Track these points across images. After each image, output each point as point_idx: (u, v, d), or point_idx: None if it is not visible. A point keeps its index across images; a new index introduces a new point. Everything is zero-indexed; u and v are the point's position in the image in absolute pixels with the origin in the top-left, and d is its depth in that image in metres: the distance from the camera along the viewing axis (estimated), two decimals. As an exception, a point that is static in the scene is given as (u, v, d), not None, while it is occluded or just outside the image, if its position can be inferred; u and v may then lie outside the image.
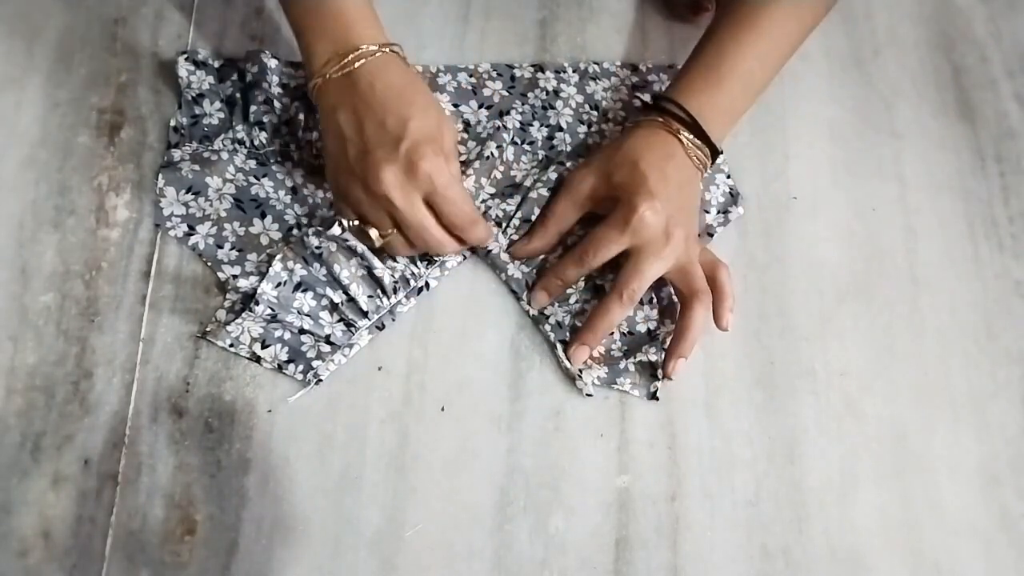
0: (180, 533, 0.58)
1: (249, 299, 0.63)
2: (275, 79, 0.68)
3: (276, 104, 0.68)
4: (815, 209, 0.73)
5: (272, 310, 0.62)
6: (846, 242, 0.72)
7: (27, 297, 0.63)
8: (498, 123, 0.71)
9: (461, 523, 0.61)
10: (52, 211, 0.66)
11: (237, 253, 0.65)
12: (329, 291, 0.63)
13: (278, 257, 0.63)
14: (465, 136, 0.71)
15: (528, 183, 0.69)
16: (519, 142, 0.71)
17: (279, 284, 0.63)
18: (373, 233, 0.61)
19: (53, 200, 0.66)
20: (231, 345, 0.62)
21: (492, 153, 0.69)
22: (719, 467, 0.64)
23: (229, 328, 0.62)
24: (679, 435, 0.64)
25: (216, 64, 0.71)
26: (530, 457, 0.63)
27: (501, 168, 0.70)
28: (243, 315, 0.62)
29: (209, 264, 0.64)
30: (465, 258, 0.68)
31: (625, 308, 0.63)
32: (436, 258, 0.66)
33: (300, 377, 0.62)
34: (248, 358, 0.62)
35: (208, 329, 0.62)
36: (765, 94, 0.76)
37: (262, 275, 0.63)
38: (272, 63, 0.69)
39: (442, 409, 0.63)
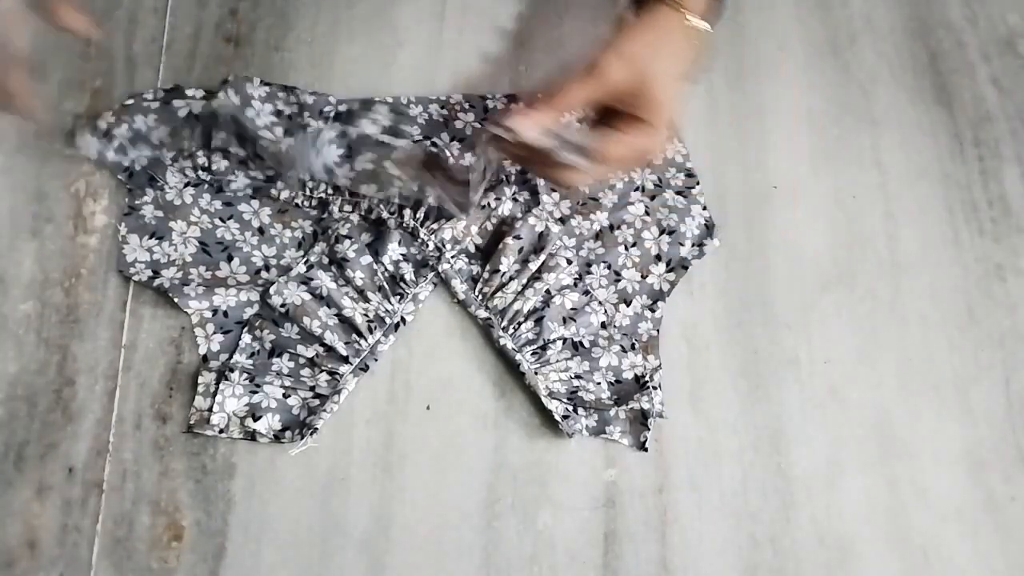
0: (167, 539, 0.58)
1: (222, 376, 0.61)
2: (266, 108, 0.68)
3: (265, 134, 0.67)
4: (795, 198, 0.73)
5: (249, 375, 0.61)
6: (827, 230, 0.73)
7: (7, 306, 0.62)
8: (502, 176, 0.70)
9: (449, 521, 0.61)
10: (30, 219, 0.65)
11: (204, 289, 0.64)
12: (304, 349, 0.62)
13: (245, 329, 0.63)
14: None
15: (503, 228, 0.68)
16: (519, 200, 0.70)
17: (252, 354, 0.63)
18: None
19: (31, 207, 0.65)
20: (221, 432, 0.60)
21: (489, 204, 0.68)
22: (705, 458, 0.64)
23: (213, 421, 0.60)
24: (665, 427, 0.64)
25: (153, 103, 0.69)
26: (517, 453, 0.63)
27: (494, 221, 0.68)
28: (220, 386, 0.61)
29: (176, 300, 0.63)
30: (436, 285, 0.67)
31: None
32: (408, 292, 0.65)
33: (299, 439, 0.61)
34: (244, 438, 0.61)
35: (193, 423, 0.61)
36: (743, 84, 0.77)
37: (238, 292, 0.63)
38: (260, 91, 0.68)
39: (427, 408, 0.63)
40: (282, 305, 0.63)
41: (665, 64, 0.60)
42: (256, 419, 0.60)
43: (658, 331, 0.67)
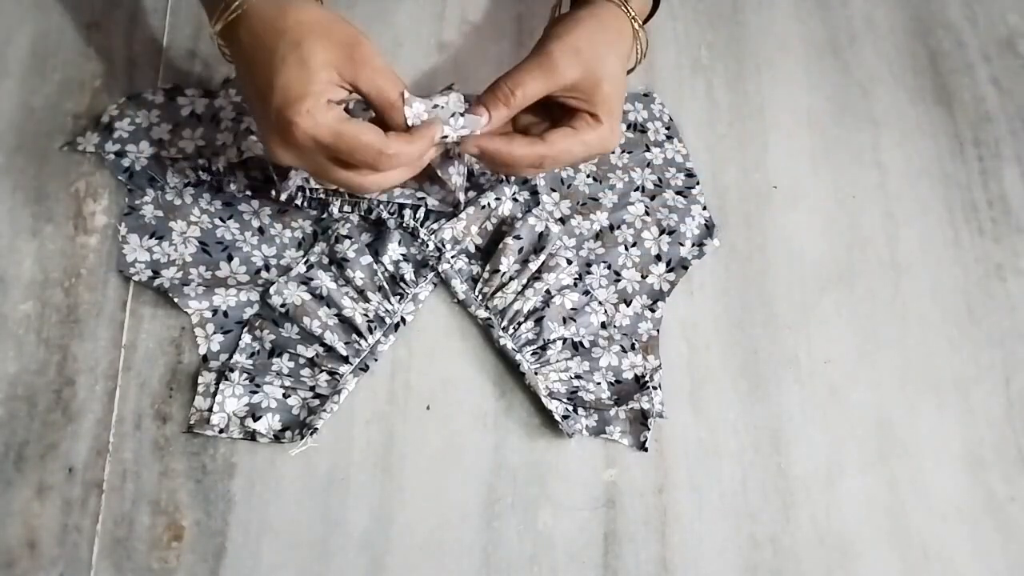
0: (167, 539, 0.58)
1: (222, 376, 0.61)
2: None
3: None
4: (795, 198, 0.73)
5: (249, 375, 0.61)
6: (827, 230, 0.73)
7: (7, 306, 0.62)
8: (501, 175, 0.69)
9: (449, 521, 0.61)
10: (30, 219, 0.65)
11: (204, 289, 0.63)
12: (304, 349, 0.62)
13: (245, 329, 0.63)
14: (467, 185, 0.69)
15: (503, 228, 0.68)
16: (518, 199, 0.70)
17: (252, 354, 0.63)
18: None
19: (30, 207, 0.65)
20: (221, 432, 0.60)
21: (489, 204, 0.68)
22: (705, 458, 0.64)
23: (213, 421, 0.60)
24: (665, 427, 0.64)
25: (159, 99, 0.69)
26: (517, 453, 0.63)
27: (494, 221, 0.68)
28: (220, 386, 0.61)
29: (176, 300, 0.63)
30: (436, 285, 0.67)
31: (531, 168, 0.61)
32: (408, 292, 0.65)
33: (299, 439, 0.60)
34: (243, 438, 0.61)
35: (193, 423, 0.60)
36: (743, 84, 0.77)
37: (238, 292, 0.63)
38: None
39: (427, 408, 0.63)
40: (282, 305, 0.63)
41: (612, 60, 0.60)
42: (256, 419, 0.60)
43: (658, 331, 0.67)
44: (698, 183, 0.72)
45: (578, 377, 0.64)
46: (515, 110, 0.58)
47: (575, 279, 0.67)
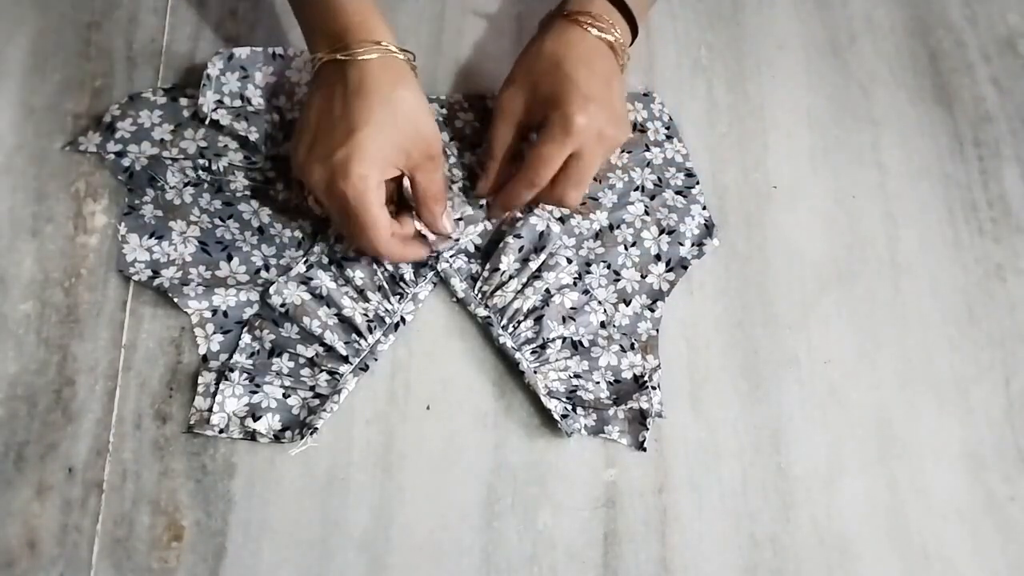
0: (167, 539, 0.58)
1: (222, 376, 0.61)
2: (258, 88, 0.68)
3: (267, 117, 0.68)
4: (795, 198, 0.73)
5: (249, 375, 0.61)
6: (827, 230, 0.73)
7: (6, 306, 0.62)
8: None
9: (449, 521, 0.61)
10: (30, 219, 0.65)
11: (204, 289, 0.63)
12: (304, 349, 0.62)
13: (245, 329, 0.63)
14: (468, 185, 0.69)
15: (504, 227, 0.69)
16: None
17: (252, 354, 0.62)
18: (310, 200, 0.65)
19: (30, 207, 0.65)
20: (221, 432, 0.60)
21: (489, 203, 0.68)
22: (705, 458, 0.64)
23: (213, 421, 0.60)
24: (665, 427, 0.64)
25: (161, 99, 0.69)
26: (517, 453, 0.63)
27: (494, 220, 0.69)
28: (220, 386, 0.61)
29: (176, 300, 0.63)
30: (435, 285, 0.67)
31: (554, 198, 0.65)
32: (407, 291, 0.65)
33: (299, 439, 0.61)
34: (243, 438, 0.61)
35: (193, 423, 0.60)
36: (743, 84, 0.77)
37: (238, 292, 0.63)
38: (259, 74, 0.68)
39: (427, 408, 0.63)
40: (282, 305, 0.63)
41: (571, 69, 0.62)
42: (256, 419, 0.60)
43: (657, 331, 0.67)
44: (698, 183, 0.72)
45: (577, 376, 0.64)
46: (498, 160, 0.66)
47: (575, 278, 0.67)
